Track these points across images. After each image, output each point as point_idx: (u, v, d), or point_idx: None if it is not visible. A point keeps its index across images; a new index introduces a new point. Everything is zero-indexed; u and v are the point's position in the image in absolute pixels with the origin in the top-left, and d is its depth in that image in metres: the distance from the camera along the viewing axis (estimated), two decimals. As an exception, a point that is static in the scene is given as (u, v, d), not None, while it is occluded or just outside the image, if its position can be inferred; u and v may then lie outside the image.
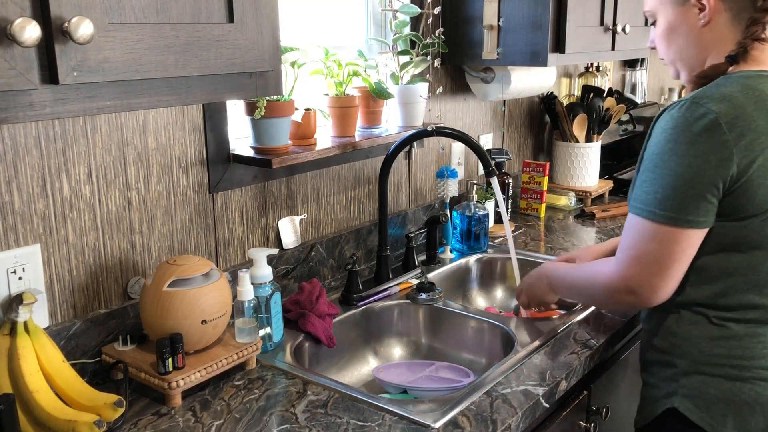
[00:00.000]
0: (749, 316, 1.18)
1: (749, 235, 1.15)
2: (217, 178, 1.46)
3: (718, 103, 1.12)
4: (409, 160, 1.99)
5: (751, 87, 1.15)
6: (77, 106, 0.83)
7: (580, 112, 2.47)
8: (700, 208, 1.13)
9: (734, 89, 1.15)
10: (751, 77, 1.17)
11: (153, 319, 1.20)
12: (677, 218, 1.13)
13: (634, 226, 1.19)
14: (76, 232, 1.25)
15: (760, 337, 1.18)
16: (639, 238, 1.18)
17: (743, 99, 1.13)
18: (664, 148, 1.15)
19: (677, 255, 1.16)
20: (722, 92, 1.14)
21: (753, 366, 1.18)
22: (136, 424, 1.12)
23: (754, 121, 1.12)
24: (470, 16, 1.90)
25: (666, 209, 1.14)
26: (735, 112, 1.12)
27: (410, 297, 1.64)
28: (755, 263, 1.17)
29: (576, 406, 1.38)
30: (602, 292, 1.27)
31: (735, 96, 1.13)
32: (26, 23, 0.72)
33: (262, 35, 1.01)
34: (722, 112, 1.11)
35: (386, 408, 1.16)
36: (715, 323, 1.20)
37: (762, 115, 1.13)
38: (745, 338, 1.19)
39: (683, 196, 1.13)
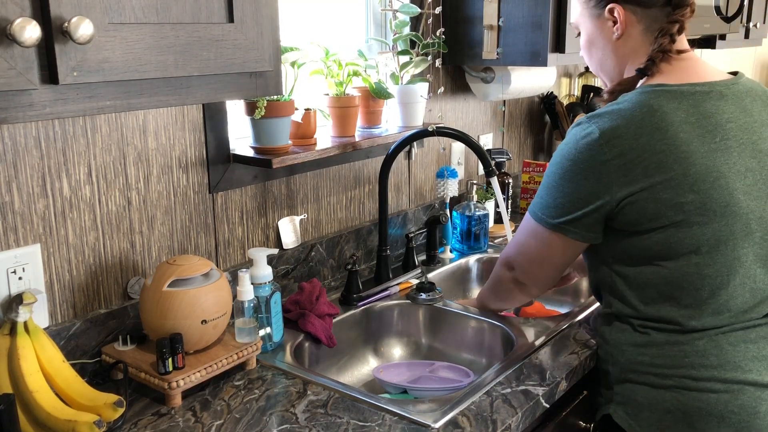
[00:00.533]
0: (670, 327, 1.19)
1: (653, 247, 1.17)
2: (217, 178, 1.46)
3: (606, 122, 1.16)
4: (409, 160, 1.99)
5: (642, 103, 1.16)
6: (77, 106, 0.83)
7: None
8: (576, 221, 1.21)
9: (625, 106, 1.17)
10: (648, 92, 1.18)
11: (153, 319, 1.20)
12: (552, 224, 1.24)
13: (524, 220, 1.33)
14: (76, 232, 1.25)
15: (681, 345, 1.18)
16: (524, 231, 1.33)
17: (629, 117, 1.15)
18: (555, 161, 1.23)
19: (550, 256, 1.29)
20: (613, 109, 1.18)
21: (674, 374, 1.18)
22: (136, 424, 1.12)
23: (636, 140, 1.13)
24: (470, 16, 1.90)
25: (546, 215, 1.25)
26: (617, 131, 1.14)
27: (410, 297, 1.64)
28: (666, 275, 1.17)
29: (576, 406, 1.38)
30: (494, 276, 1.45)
31: (623, 113, 1.16)
32: (26, 23, 0.72)
33: (262, 35, 1.01)
34: (605, 131, 1.15)
35: (386, 408, 1.16)
36: (639, 331, 1.22)
37: (645, 132, 1.14)
38: (665, 346, 1.19)
39: (561, 207, 1.22)
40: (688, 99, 1.17)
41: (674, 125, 1.14)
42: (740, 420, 1.13)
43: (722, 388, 1.14)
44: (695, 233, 1.14)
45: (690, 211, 1.13)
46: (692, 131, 1.15)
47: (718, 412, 1.14)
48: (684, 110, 1.16)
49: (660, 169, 1.13)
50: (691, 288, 1.16)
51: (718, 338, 1.16)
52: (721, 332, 1.17)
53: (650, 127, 1.14)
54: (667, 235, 1.15)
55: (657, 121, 1.14)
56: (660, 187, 1.13)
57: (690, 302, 1.17)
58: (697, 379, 1.16)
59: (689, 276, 1.16)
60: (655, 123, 1.14)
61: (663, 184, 1.13)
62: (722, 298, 1.16)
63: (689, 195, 1.13)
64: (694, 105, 1.17)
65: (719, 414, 1.14)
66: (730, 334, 1.17)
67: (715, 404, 1.14)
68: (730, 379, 1.15)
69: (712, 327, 1.17)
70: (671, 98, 1.17)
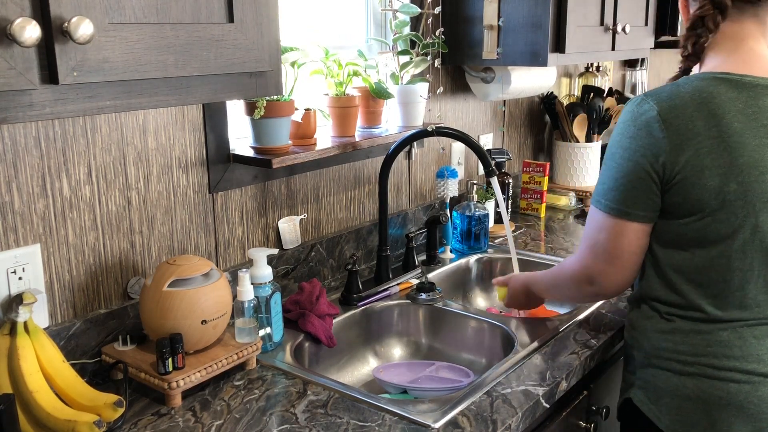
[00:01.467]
0: (690, 315, 1.20)
1: (688, 233, 1.18)
2: (217, 178, 1.46)
3: (662, 101, 1.17)
4: (409, 160, 1.99)
5: (701, 89, 1.17)
6: (77, 106, 0.83)
7: (580, 112, 2.47)
8: (639, 201, 1.18)
9: (687, 89, 1.18)
10: (709, 78, 1.19)
11: (153, 319, 1.20)
12: (619, 209, 1.20)
13: (590, 214, 1.27)
14: (76, 232, 1.25)
15: (705, 334, 1.19)
16: (592, 227, 1.26)
17: (688, 99, 1.16)
18: (614, 140, 1.22)
19: (624, 245, 1.22)
20: (671, 90, 1.18)
21: (697, 362, 1.19)
22: (136, 424, 1.12)
23: (692, 122, 1.14)
24: (470, 16, 1.90)
25: (609, 200, 1.21)
26: (674, 111, 1.15)
27: (410, 297, 1.64)
28: (696, 263, 1.18)
29: (576, 406, 1.38)
30: (570, 285, 1.34)
31: (681, 95, 1.17)
32: (26, 23, 0.72)
33: (262, 35, 1.01)
34: (663, 109, 1.16)
35: (386, 408, 1.16)
36: (665, 318, 1.23)
37: (701, 116, 1.15)
38: (690, 334, 1.20)
39: (623, 189, 1.19)
40: (748, 90, 1.18)
41: (730, 114, 1.15)
42: (759, 411, 1.15)
43: (743, 379, 1.16)
44: (732, 224, 1.15)
45: (730, 201, 1.14)
46: (746, 123, 1.15)
47: (738, 402, 1.16)
48: (742, 101, 1.17)
49: (710, 154, 1.13)
50: (720, 279, 1.17)
51: (743, 331, 1.18)
52: (746, 325, 1.18)
53: (706, 113, 1.15)
54: (704, 223, 1.16)
55: (714, 107, 1.15)
56: (708, 173, 1.13)
57: (717, 292, 1.18)
58: (718, 369, 1.17)
59: (719, 266, 1.17)
60: (712, 109, 1.15)
61: (711, 170, 1.13)
62: (751, 292, 1.17)
63: (732, 185, 1.13)
64: (753, 97, 1.17)
65: (738, 404, 1.16)
66: (756, 327, 1.18)
67: (735, 394, 1.16)
68: (752, 371, 1.16)
69: (738, 319, 1.18)
70: (731, 87, 1.17)
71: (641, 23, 2.23)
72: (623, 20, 2.08)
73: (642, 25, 2.24)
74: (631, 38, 2.16)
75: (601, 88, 2.69)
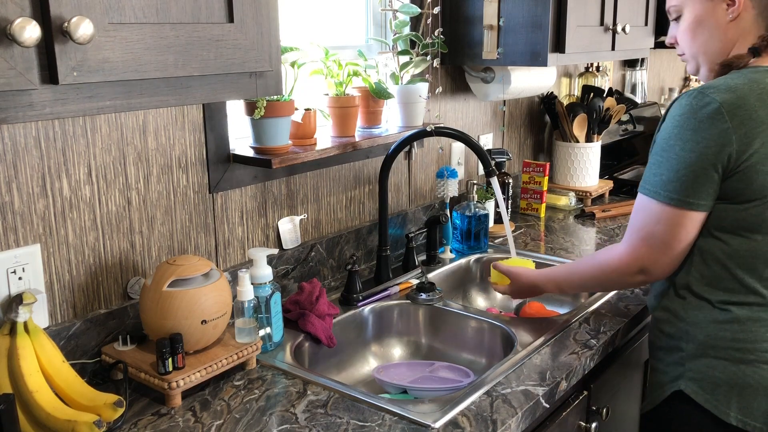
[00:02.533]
0: (750, 300, 1.22)
1: (748, 218, 1.20)
2: (217, 178, 1.46)
3: (723, 94, 1.19)
4: (409, 160, 1.99)
5: (757, 81, 1.21)
6: (77, 106, 0.83)
7: (580, 112, 2.47)
8: (701, 191, 1.19)
9: (740, 81, 1.21)
10: (759, 71, 1.23)
11: (153, 319, 1.20)
12: (680, 200, 1.20)
13: (642, 205, 1.26)
14: (76, 232, 1.25)
15: (764, 321, 1.21)
16: (646, 219, 1.25)
17: (747, 91, 1.19)
18: (672, 133, 1.22)
19: (681, 235, 1.23)
20: (728, 84, 1.21)
21: (756, 349, 1.20)
22: (136, 424, 1.12)
23: (755, 111, 1.18)
24: (470, 16, 1.90)
25: (670, 191, 1.21)
26: (737, 102, 1.18)
27: (410, 297, 1.64)
28: (754, 248, 1.21)
29: (576, 406, 1.38)
30: (616, 276, 1.34)
31: (739, 87, 1.20)
32: (26, 23, 0.72)
33: (262, 35, 1.01)
34: (725, 101, 1.18)
35: (386, 408, 1.16)
36: (718, 308, 1.24)
37: (763, 105, 1.18)
38: (748, 322, 1.21)
39: (685, 179, 1.20)
40: None
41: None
42: None
43: None
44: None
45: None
46: None
47: None
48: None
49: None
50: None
51: None
52: None
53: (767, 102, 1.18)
54: (763, 208, 1.19)
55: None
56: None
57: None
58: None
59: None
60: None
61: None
62: None
63: None
64: None
65: None
66: None
67: None
68: None
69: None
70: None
71: (641, 23, 2.23)
72: (623, 20, 2.08)
73: (642, 25, 2.24)
74: (631, 38, 2.16)
75: (601, 88, 2.69)
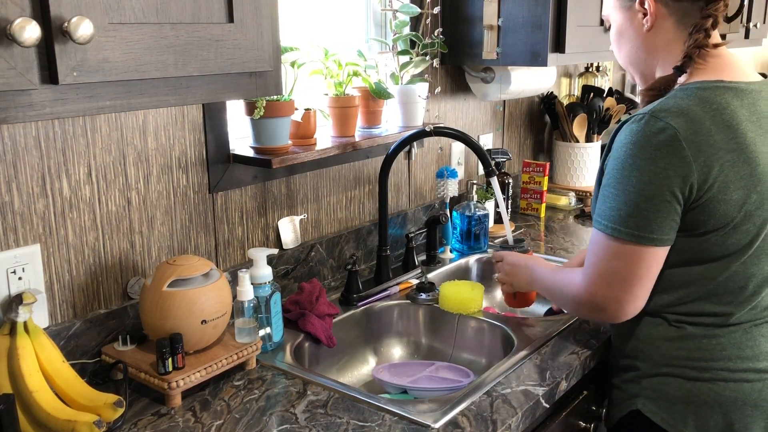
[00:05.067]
0: (708, 321, 1.20)
1: (709, 248, 1.16)
2: (217, 178, 1.46)
3: (676, 117, 1.10)
4: (409, 160, 1.99)
5: (708, 100, 1.13)
6: (77, 106, 0.83)
7: (580, 112, 2.47)
8: (664, 225, 1.12)
9: (691, 102, 1.13)
10: (707, 89, 1.15)
11: (153, 319, 1.20)
12: (641, 236, 1.12)
13: (599, 242, 1.18)
14: (75, 232, 1.25)
15: (719, 338, 1.19)
16: (603, 255, 1.17)
17: (701, 113, 1.11)
18: (625, 163, 1.13)
19: (642, 271, 1.15)
20: (680, 106, 1.12)
21: (712, 367, 1.19)
22: (136, 424, 1.12)
23: (712, 136, 1.10)
24: (470, 16, 1.90)
25: (630, 227, 1.12)
26: (693, 127, 1.10)
27: (410, 297, 1.64)
28: (713, 274, 1.18)
29: (576, 406, 1.38)
30: (572, 305, 1.28)
31: (692, 110, 1.11)
32: (26, 23, 0.72)
33: (262, 35, 1.01)
34: (680, 126, 1.09)
35: (386, 408, 1.16)
36: (674, 325, 1.22)
37: (719, 129, 1.11)
38: (703, 339, 1.20)
39: (646, 214, 1.11)
40: (747, 97, 1.15)
41: (742, 123, 1.13)
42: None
43: (756, 377, 1.17)
44: (750, 233, 1.14)
45: (750, 212, 1.13)
46: (755, 130, 1.14)
47: (753, 401, 1.17)
48: (746, 108, 1.15)
49: (733, 168, 1.11)
50: (736, 286, 1.17)
51: (752, 331, 1.19)
52: (754, 325, 1.19)
53: (722, 125, 1.12)
54: (725, 236, 1.14)
55: (727, 118, 1.12)
56: (732, 187, 1.11)
57: (731, 299, 1.18)
58: (733, 371, 1.18)
59: (736, 275, 1.17)
60: (725, 120, 1.12)
61: (734, 183, 1.11)
62: (763, 294, 1.19)
63: (753, 195, 1.13)
64: (753, 103, 1.16)
65: (753, 403, 1.17)
66: (763, 326, 1.20)
67: (750, 393, 1.17)
68: (764, 369, 1.18)
69: (747, 321, 1.19)
70: (734, 95, 1.15)
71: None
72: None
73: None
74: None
75: (601, 88, 2.69)
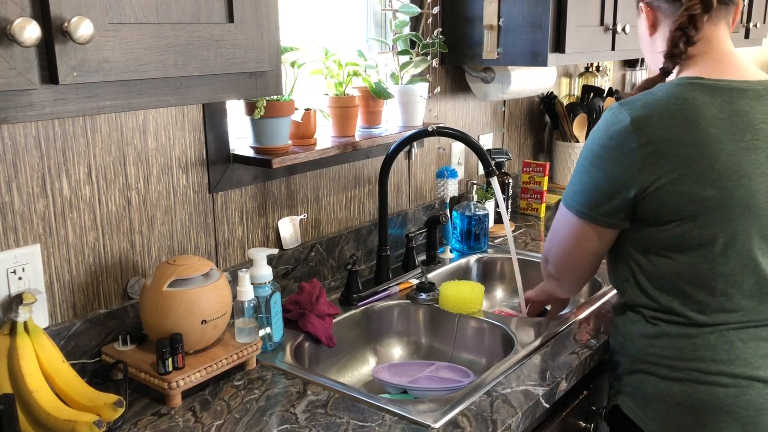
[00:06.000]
0: (681, 321, 1.20)
1: (669, 239, 1.17)
2: (217, 178, 1.46)
3: (637, 110, 1.16)
4: (409, 160, 1.99)
5: (676, 95, 1.16)
6: (77, 106, 0.83)
7: (580, 112, 2.47)
8: (607, 207, 1.21)
9: (660, 95, 1.17)
10: (680, 85, 1.18)
11: (153, 319, 1.20)
12: (580, 211, 1.25)
13: (559, 209, 1.33)
14: (75, 232, 1.25)
15: (692, 338, 1.18)
16: (556, 220, 1.34)
17: (663, 107, 1.15)
18: (586, 147, 1.24)
19: (585, 245, 1.28)
20: (646, 98, 1.18)
21: (684, 367, 1.18)
22: (136, 424, 1.12)
23: (667, 130, 1.13)
24: (470, 16, 1.90)
25: (578, 203, 1.25)
26: (649, 120, 1.15)
27: (410, 297, 1.64)
28: (678, 268, 1.18)
29: (576, 406, 1.38)
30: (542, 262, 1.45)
31: (655, 103, 1.16)
32: (26, 23, 0.72)
33: (262, 35, 1.01)
34: (636, 118, 1.15)
35: (386, 408, 1.16)
36: (651, 322, 1.23)
37: (677, 123, 1.14)
38: (676, 339, 1.19)
39: (589, 193, 1.23)
40: (723, 95, 1.17)
41: (705, 119, 1.14)
42: (747, 416, 1.14)
43: (731, 382, 1.15)
44: (712, 229, 1.14)
45: (710, 207, 1.13)
46: (723, 127, 1.14)
47: (726, 407, 1.15)
48: (718, 105, 1.16)
49: (686, 161, 1.13)
50: (704, 284, 1.17)
51: (729, 334, 1.17)
52: (732, 328, 1.17)
53: (682, 119, 1.14)
54: (685, 229, 1.15)
55: (689, 113, 1.14)
56: (684, 180, 1.13)
57: (701, 298, 1.18)
58: (706, 373, 1.16)
59: (702, 272, 1.17)
60: (686, 115, 1.14)
61: (687, 177, 1.13)
62: (735, 296, 1.17)
63: (711, 191, 1.13)
64: (729, 101, 1.16)
65: (727, 408, 1.15)
66: (742, 330, 1.17)
67: (724, 398, 1.15)
68: (740, 375, 1.15)
69: (724, 323, 1.18)
70: (706, 92, 1.16)
71: (641, 23, 2.23)
72: (623, 20, 2.08)
73: (642, 25, 2.23)
74: (631, 38, 2.16)
75: (601, 88, 2.69)
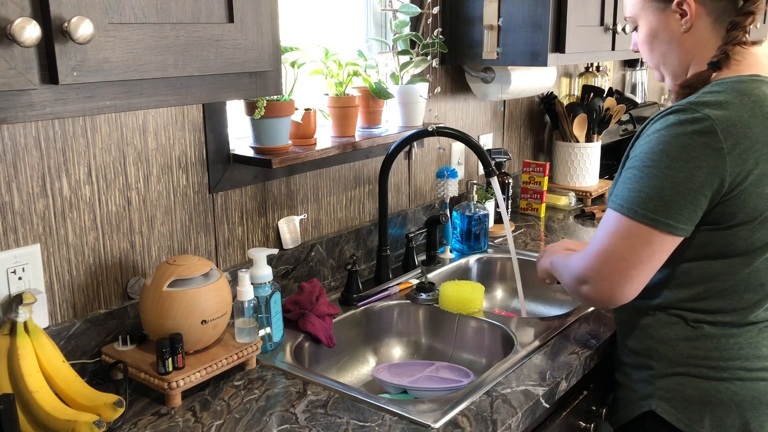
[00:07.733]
0: (726, 320, 1.20)
1: (735, 242, 1.15)
2: (217, 178, 1.46)
3: (715, 110, 1.10)
4: (409, 160, 1.99)
5: (746, 92, 1.13)
6: (77, 106, 0.83)
7: (580, 112, 2.47)
8: (683, 214, 1.11)
9: (729, 96, 1.12)
10: (744, 82, 1.15)
11: (153, 319, 1.20)
12: (658, 220, 1.11)
13: (609, 221, 1.17)
14: (75, 232, 1.25)
15: (736, 337, 1.19)
16: (611, 233, 1.16)
17: (739, 105, 1.11)
18: (655, 149, 1.13)
19: (645, 256, 1.13)
20: (718, 99, 1.12)
21: (729, 366, 1.19)
22: (136, 424, 1.12)
23: (750, 129, 1.10)
24: (470, 16, 1.90)
25: (648, 209, 1.11)
26: (731, 120, 1.10)
27: (410, 297, 1.64)
28: (735, 270, 1.17)
29: (576, 406, 1.38)
30: (568, 281, 1.27)
31: (731, 102, 1.11)
32: (26, 23, 0.72)
33: (262, 35, 1.01)
34: (718, 118, 1.09)
35: (386, 408, 1.16)
36: (691, 325, 1.21)
37: (758, 122, 1.11)
38: (721, 339, 1.20)
39: (668, 200, 1.10)
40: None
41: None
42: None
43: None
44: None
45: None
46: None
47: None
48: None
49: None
50: (757, 283, 1.18)
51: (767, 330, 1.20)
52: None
53: (761, 117, 1.12)
54: (751, 230, 1.13)
55: (766, 111, 1.13)
56: (766, 180, 1.12)
57: (750, 297, 1.18)
58: (750, 370, 1.18)
59: (758, 271, 1.17)
60: (765, 113, 1.12)
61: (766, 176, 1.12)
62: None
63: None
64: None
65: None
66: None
67: (765, 392, 1.18)
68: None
69: (764, 320, 1.20)
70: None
71: (641, 23, 2.23)
72: (623, 20, 2.08)
73: (642, 25, 2.23)
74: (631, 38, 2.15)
75: (601, 88, 2.69)
